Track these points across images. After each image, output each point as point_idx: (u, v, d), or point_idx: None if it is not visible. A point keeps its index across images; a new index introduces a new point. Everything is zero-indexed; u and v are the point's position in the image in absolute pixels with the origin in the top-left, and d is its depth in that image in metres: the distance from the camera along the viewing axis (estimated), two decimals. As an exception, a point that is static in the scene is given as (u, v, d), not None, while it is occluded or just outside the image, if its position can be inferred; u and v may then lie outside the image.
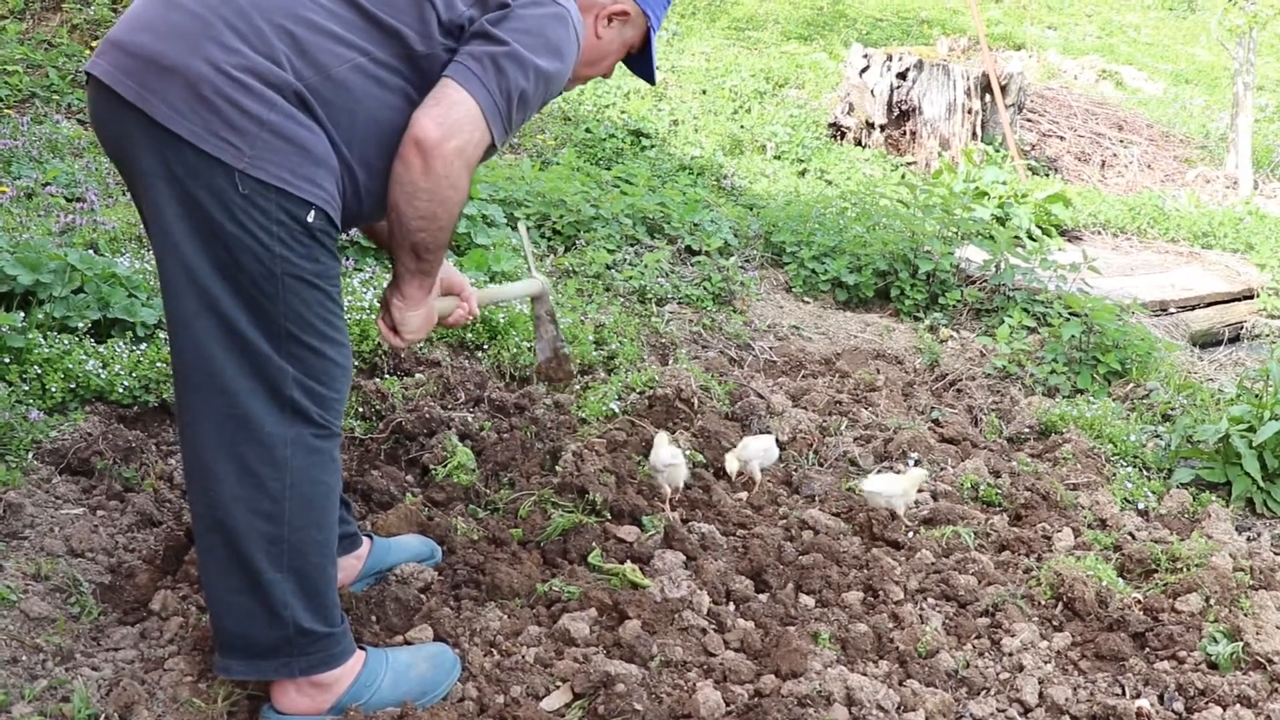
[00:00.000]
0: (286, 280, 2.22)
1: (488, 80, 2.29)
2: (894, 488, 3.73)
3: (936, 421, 4.71)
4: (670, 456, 3.62)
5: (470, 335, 4.60)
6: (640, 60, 2.84)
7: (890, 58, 10.54)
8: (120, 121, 2.18)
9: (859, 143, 10.62)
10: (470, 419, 3.95)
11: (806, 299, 6.43)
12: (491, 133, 2.31)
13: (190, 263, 2.17)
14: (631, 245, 6.39)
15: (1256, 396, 4.52)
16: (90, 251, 4.35)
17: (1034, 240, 8.19)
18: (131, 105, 2.14)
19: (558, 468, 3.66)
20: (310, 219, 2.22)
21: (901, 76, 10.41)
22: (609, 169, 8.35)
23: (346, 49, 2.26)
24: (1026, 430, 4.71)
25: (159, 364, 3.70)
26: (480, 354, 4.56)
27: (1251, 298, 7.98)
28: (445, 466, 3.60)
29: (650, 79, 2.89)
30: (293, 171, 2.18)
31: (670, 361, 4.91)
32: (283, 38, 2.19)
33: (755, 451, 3.91)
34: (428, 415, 3.85)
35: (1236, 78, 12.38)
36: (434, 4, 2.32)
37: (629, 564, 3.18)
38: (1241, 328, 7.56)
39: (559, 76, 2.43)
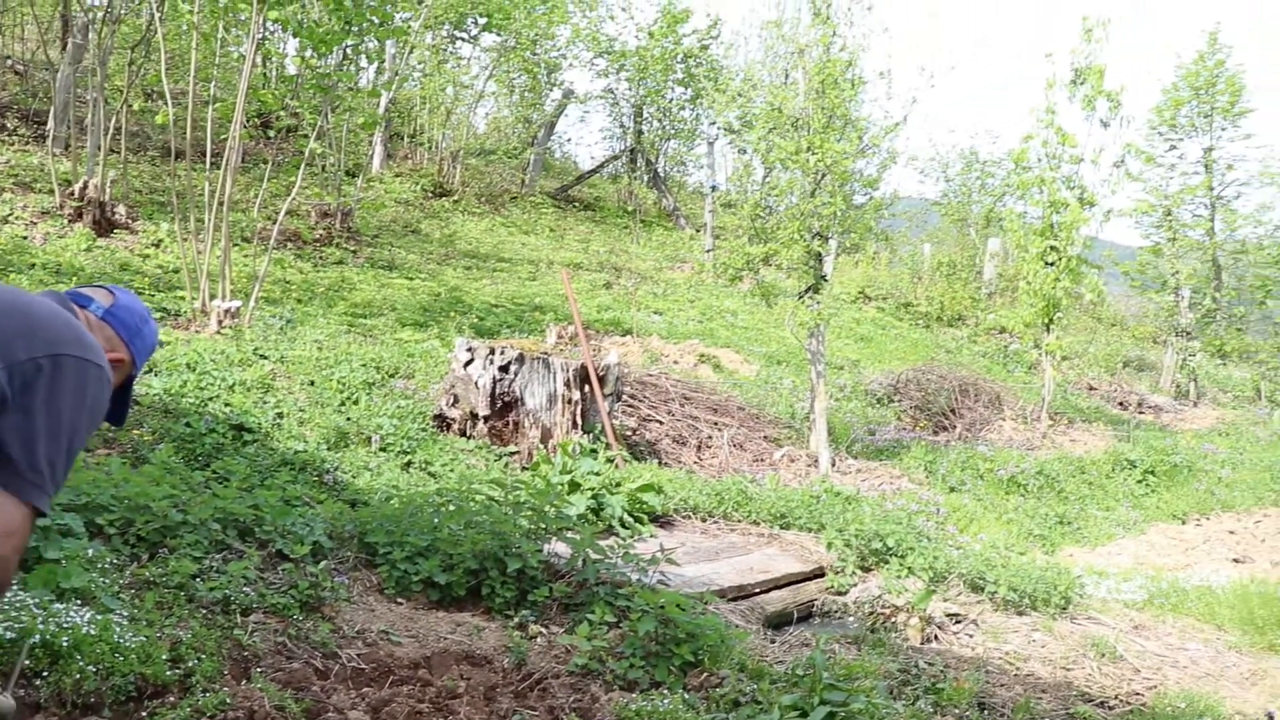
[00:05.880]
0: None
1: (39, 480, 2.33)
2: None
3: (515, 729, 4.76)
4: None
5: (28, 661, 4.28)
6: (117, 402, 2.93)
7: (493, 351, 11.01)
8: None
9: (464, 433, 10.88)
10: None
11: (400, 600, 6.41)
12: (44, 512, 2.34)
13: None
14: (220, 551, 6.19)
15: (809, 683, 4.88)
16: None
17: (626, 528, 8.59)
18: None
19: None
20: None
21: (504, 369, 10.87)
22: (208, 465, 8.13)
23: None
24: (604, 730, 4.84)
25: None
26: (40, 681, 4.24)
27: (822, 575, 8.65)
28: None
29: (120, 421, 2.98)
30: None
31: (244, 681, 4.73)
32: None
33: None
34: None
35: (811, 366, 13.80)
36: None
37: None
38: (813, 606, 8.15)
39: (99, 410, 2.52)
